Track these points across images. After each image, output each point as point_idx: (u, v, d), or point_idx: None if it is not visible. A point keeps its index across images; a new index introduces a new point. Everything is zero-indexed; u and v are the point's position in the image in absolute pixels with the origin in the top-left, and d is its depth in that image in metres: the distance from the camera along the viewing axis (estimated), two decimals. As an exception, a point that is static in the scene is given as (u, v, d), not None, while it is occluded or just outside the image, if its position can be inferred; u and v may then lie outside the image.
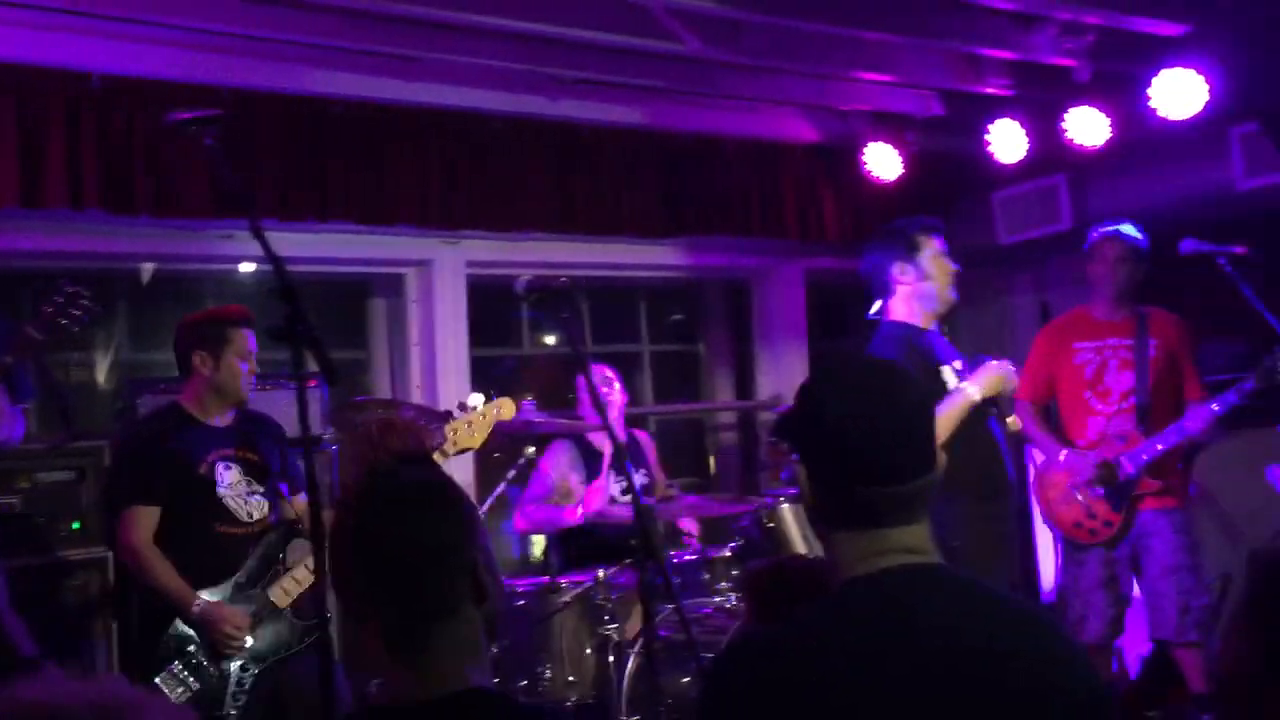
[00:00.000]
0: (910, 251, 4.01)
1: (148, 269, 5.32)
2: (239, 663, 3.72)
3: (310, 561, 3.66)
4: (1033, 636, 1.69)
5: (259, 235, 2.45)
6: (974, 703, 1.59)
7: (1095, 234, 4.69)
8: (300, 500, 4.01)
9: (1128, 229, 4.63)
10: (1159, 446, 4.38)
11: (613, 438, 3.21)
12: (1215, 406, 4.30)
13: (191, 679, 3.67)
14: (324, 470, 4.70)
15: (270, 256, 2.42)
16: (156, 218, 4.60)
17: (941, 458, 1.81)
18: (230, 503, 3.85)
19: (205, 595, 3.70)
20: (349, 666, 4.01)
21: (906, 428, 1.75)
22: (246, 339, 3.91)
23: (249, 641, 3.72)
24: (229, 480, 3.86)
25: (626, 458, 3.27)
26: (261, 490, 3.93)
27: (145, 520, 3.73)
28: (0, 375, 2.99)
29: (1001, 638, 1.66)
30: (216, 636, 3.65)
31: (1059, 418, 4.77)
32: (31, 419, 4.48)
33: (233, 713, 3.70)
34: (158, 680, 3.65)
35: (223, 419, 3.94)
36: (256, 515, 3.89)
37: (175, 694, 3.64)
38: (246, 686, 3.74)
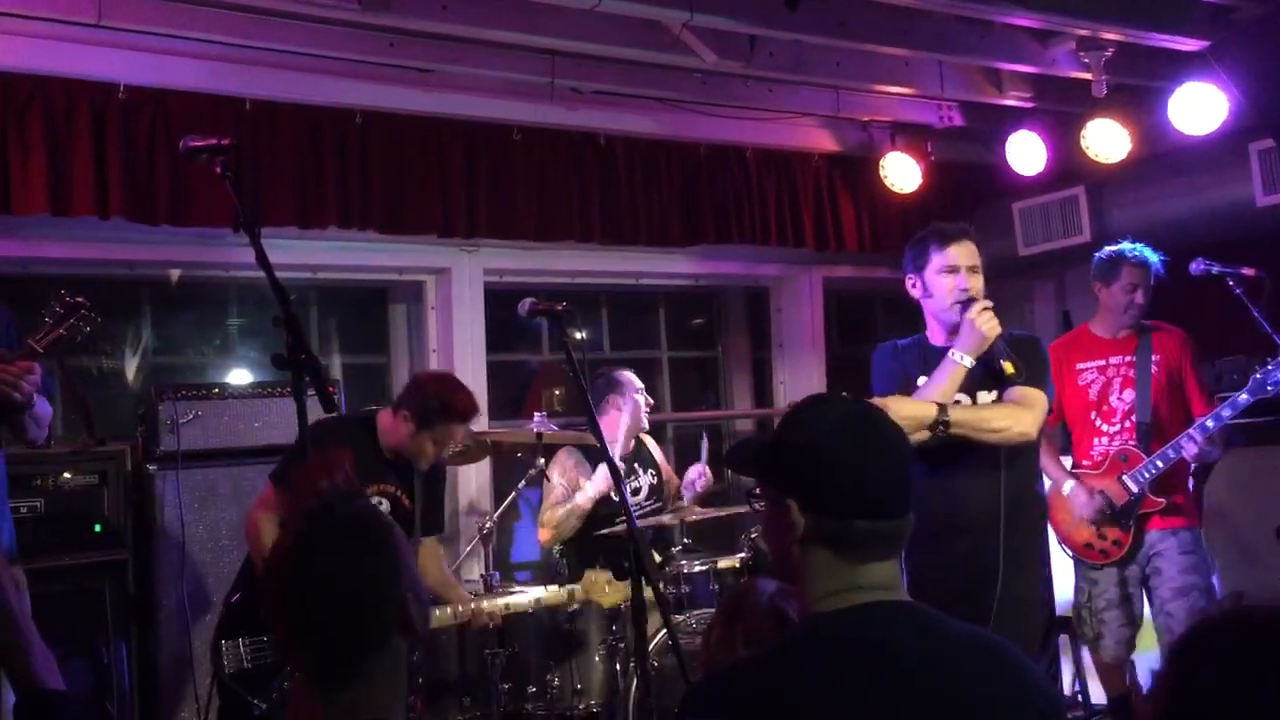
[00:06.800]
0: (916, 267, 3.51)
1: (175, 273, 5.38)
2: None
3: None
4: (998, 667, 1.76)
5: (264, 264, 2.51)
6: None
7: (1113, 254, 4.54)
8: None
9: (1150, 254, 4.50)
10: (1158, 464, 4.38)
11: (606, 454, 3.24)
12: (1210, 423, 4.29)
13: (247, 659, 3.90)
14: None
15: (274, 285, 2.48)
16: (176, 227, 4.69)
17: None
18: None
19: None
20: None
21: (901, 465, 1.81)
22: (452, 433, 4.07)
23: None
24: None
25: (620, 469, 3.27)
26: None
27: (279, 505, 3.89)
28: None
29: (968, 673, 1.72)
30: None
31: (1069, 438, 4.77)
32: (55, 423, 4.56)
33: (264, 705, 3.91)
34: (224, 643, 3.91)
35: (397, 456, 4.10)
36: None
37: (228, 662, 3.89)
38: (283, 688, 3.90)
